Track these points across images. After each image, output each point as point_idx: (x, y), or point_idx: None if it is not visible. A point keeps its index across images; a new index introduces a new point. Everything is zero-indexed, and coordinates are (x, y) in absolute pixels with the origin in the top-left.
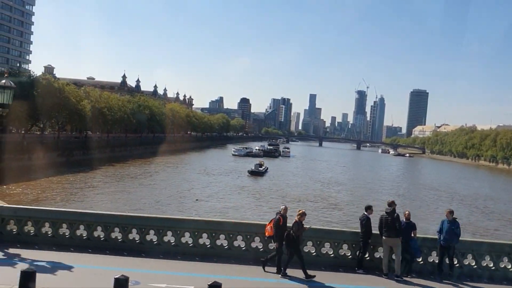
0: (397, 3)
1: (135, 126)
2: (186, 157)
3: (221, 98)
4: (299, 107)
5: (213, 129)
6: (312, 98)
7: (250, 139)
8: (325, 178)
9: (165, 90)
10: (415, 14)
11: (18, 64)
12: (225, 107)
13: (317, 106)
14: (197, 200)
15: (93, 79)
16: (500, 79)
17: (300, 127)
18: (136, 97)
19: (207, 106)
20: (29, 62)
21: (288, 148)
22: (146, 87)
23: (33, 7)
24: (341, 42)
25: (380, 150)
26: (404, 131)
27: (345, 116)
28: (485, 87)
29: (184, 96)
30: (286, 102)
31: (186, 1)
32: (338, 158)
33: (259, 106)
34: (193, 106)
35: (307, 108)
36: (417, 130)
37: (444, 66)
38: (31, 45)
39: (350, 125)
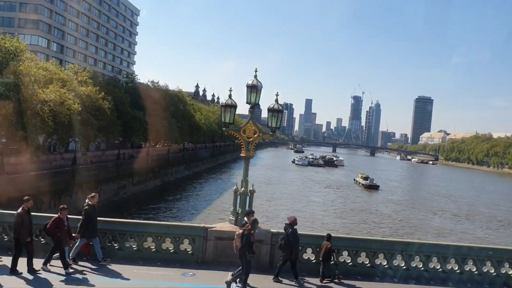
0: (387, 10)
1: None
2: (265, 164)
3: None
4: (294, 112)
5: None
6: (308, 103)
7: (267, 145)
8: (430, 191)
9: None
10: (407, 21)
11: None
12: None
13: (312, 111)
14: (400, 220)
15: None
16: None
17: (295, 132)
18: (210, 107)
19: None
20: (133, 72)
21: (339, 157)
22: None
23: (138, 17)
24: (332, 48)
25: (398, 157)
26: (397, 136)
27: (339, 121)
28: (480, 94)
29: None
30: (289, 107)
31: (180, 8)
32: (379, 166)
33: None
34: None
35: (302, 113)
36: (425, 137)
37: (440, 72)
38: (135, 56)
39: (347, 130)
